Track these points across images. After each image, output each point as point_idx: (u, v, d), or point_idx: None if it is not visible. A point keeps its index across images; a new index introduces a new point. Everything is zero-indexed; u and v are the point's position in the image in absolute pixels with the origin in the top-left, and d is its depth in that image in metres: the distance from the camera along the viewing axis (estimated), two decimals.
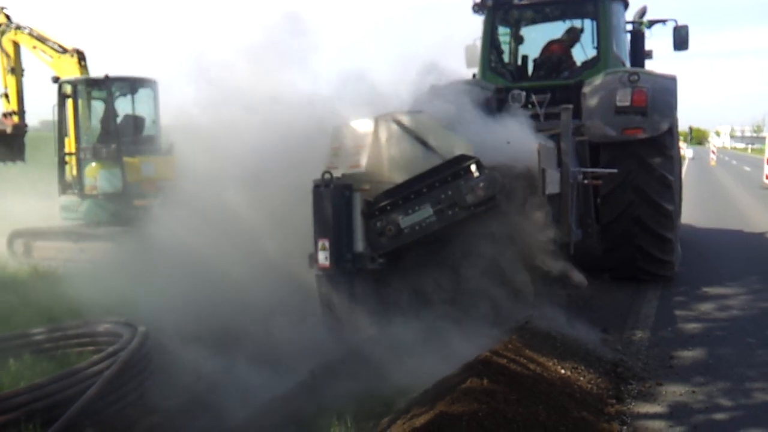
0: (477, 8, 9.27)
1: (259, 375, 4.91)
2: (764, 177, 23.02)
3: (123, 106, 10.98)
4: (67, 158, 10.69)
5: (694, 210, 15.17)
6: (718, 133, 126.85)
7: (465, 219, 5.35)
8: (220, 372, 4.94)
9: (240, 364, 5.05)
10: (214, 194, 6.88)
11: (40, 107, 12.20)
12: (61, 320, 5.96)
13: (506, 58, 9.53)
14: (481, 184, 5.22)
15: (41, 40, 11.25)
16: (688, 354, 5.64)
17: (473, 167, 5.28)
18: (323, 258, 5.35)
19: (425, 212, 5.41)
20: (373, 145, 5.81)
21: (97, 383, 4.17)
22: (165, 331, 5.45)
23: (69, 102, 10.55)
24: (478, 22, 9.38)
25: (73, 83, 10.52)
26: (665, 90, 8.04)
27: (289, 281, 5.96)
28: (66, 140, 10.71)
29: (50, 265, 8.98)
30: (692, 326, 6.44)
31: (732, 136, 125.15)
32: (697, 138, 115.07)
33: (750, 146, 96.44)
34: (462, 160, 5.36)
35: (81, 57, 11.01)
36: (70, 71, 10.89)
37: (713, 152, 47.03)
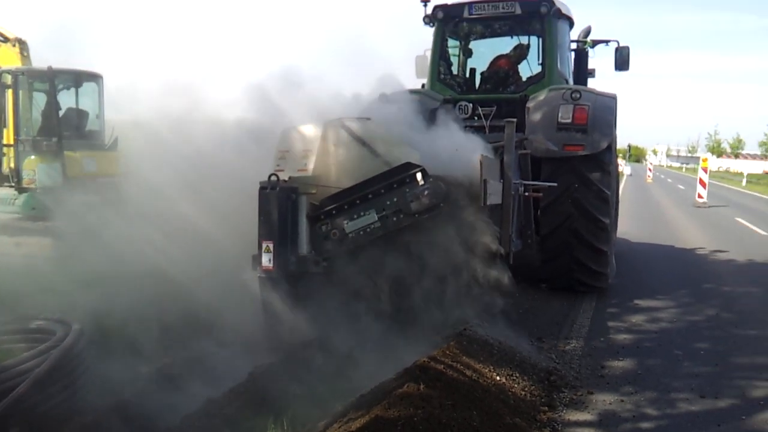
0: (428, 20, 9.42)
1: (196, 376, 4.87)
2: (696, 196, 23.83)
3: (66, 100, 10.70)
4: (4, 150, 10.36)
5: (630, 224, 15.68)
6: (655, 152, 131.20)
7: (409, 226, 5.44)
8: (156, 373, 4.89)
9: (177, 365, 5.00)
10: (157, 191, 6.80)
11: None
12: None
13: (455, 69, 9.71)
14: (426, 192, 5.33)
15: None
16: (619, 364, 5.83)
17: (419, 176, 5.38)
18: (267, 260, 5.35)
19: (370, 218, 5.48)
20: (320, 149, 5.85)
21: (26, 381, 4.07)
22: (100, 330, 5.35)
23: (9, 92, 10.23)
24: (428, 33, 9.55)
25: (14, 73, 10.21)
26: (605, 108, 8.30)
27: (231, 282, 5.92)
28: (4, 131, 10.38)
29: None
30: (623, 337, 6.66)
31: (668, 155, 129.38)
32: (635, 155, 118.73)
33: (685, 166, 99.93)
34: (408, 168, 5.45)
35: (23, 47, 10.70)
36: (11, 61, 10.57)
37: (650, 170, 48.59)
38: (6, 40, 10.74)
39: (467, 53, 9.75)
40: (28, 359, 4.36)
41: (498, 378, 4.82)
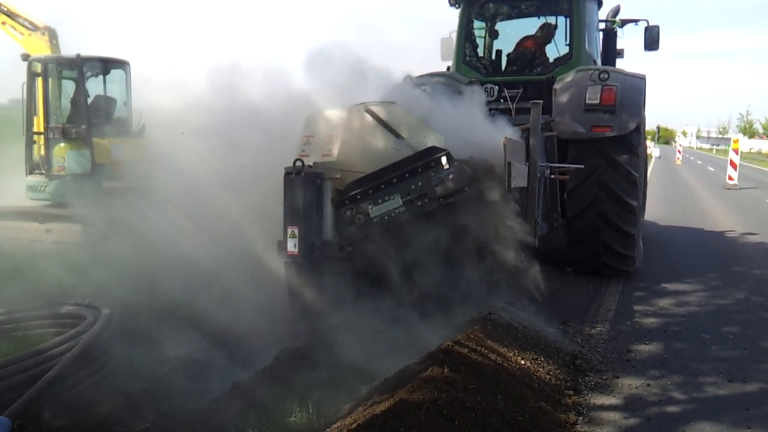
0: (453, 1, 9.35)
1: (223, 360, 4.94)
2: (727, 178, 23.43)
3: (94, 87, 10.82)
4: (35, 137, 10.52)
5: (658, 207, 15.46)
6: (684, 133, 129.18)
7: (434, 210, 5.43)
8: (183, 357, 4.95)
9: (204, 350, 5.07)
10: (181, 177, 6.86)
11: (9, 85, 11.98)
12: (23, 301, 5.90)
13: (480, 51, 9.62)
14: (451, 176, 5.31)
15: (11, 16, 11.04)
16: (645, 348, 5.78)
17: (444, 159, 5.35)
18: (292, 245, 5.37)
19: (395, 202, 5.48)
20: (345, 134, 5.84)
21: (57, 365, 4.15)
22: (129, 315, 5.44)
23: (39, 80, 10.37)
24: (454, 15, 9.47)
25: (44, 61, 10.35)
26: (634, 89, 8.17)
27: (257, 267, 5.97)
28: (35, 119, 10.54)
29: (15, 245, 8.86)
30: (650, 321, 6.60)
31: (698, 137, 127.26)
32: (665, 137, 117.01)
33: (715, 147, 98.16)
34: (433, 152, 5.42)
35: (52, 35, 10.83)
36: (41, 49, 10.71)
37: (679, 152, 47.79)
38: (35, 28, 10.89)
39: (493, 35, 9.66)
40: (58, 344, 4.45)
41: (523, 362, 4.81)
